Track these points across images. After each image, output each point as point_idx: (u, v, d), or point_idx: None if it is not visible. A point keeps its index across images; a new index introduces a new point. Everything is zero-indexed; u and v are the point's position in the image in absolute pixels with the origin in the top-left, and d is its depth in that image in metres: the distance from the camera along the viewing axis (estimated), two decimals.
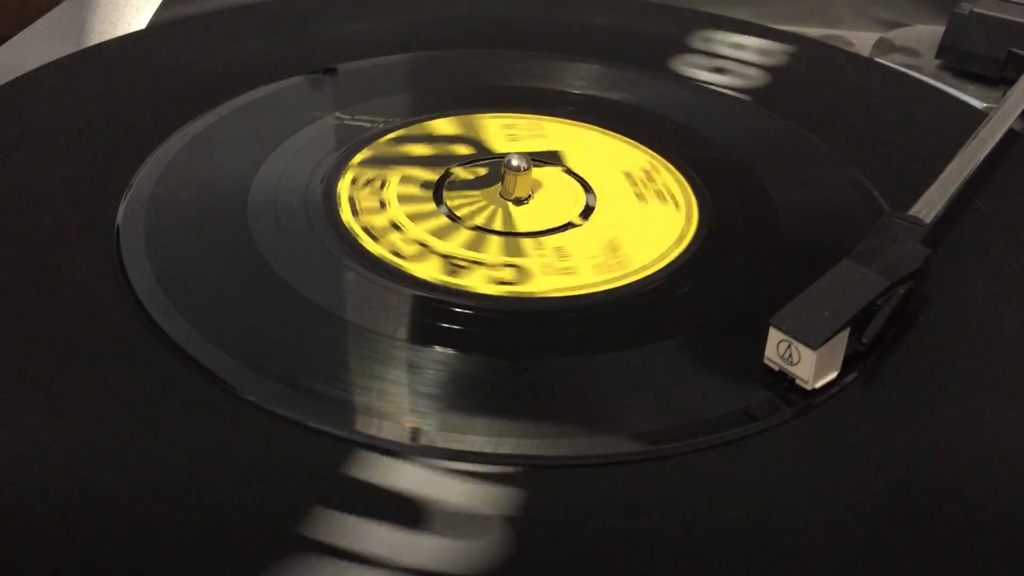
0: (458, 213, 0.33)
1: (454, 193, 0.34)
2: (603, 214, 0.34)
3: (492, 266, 0.31)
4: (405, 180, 0.34)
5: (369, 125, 0.38)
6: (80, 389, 0.25)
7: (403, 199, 0.34)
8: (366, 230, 0.31)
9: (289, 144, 0.36)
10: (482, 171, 0.36)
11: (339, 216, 0.32)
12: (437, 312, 0.29)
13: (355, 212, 0.32)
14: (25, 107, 0.38)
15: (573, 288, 0.30)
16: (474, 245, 0.32)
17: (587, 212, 0.34)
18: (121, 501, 0.22)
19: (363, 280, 0.30)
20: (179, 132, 0.36)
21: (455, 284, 0.30)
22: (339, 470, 0.23)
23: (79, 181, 0.33)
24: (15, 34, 0.47)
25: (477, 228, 0.33)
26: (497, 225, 0.33)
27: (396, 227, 0.32)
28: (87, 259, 0.29)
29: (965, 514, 0.23)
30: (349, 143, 0.37)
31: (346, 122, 0.38)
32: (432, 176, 0.35)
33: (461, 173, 0.36)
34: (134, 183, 0.33)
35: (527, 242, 0.32)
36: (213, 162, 0.35)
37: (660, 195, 0.35)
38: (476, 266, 0.31)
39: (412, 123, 0.38)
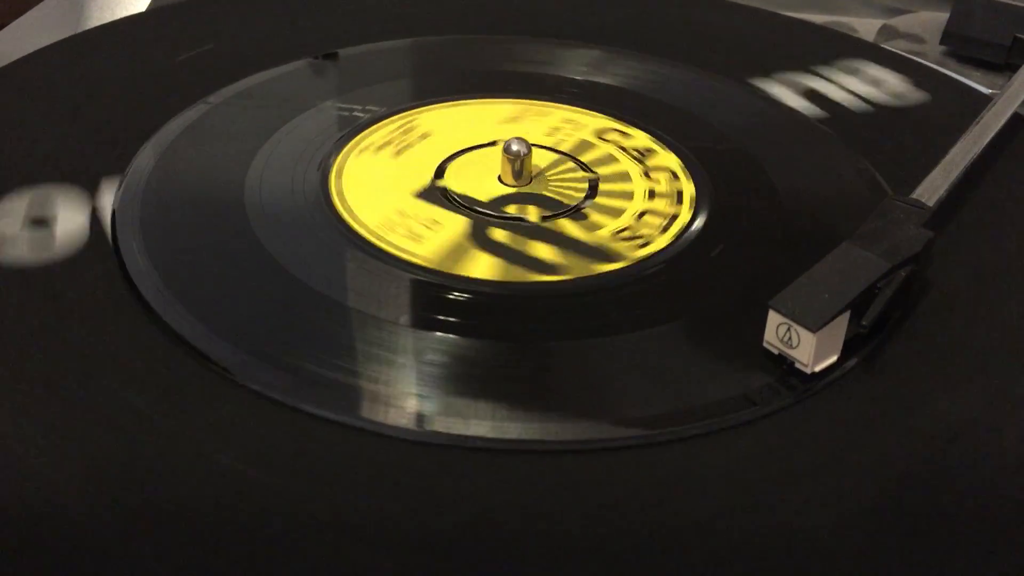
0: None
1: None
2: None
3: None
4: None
5: (364, 114, 0.37)
6: (74, 378, 0.25)
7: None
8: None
9: (287, 130, 0.36)
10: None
11: (336, 201, 0.32)
12: (437, 297, 0.28)
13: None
14: (20, 92, 0.37)
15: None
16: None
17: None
18: (116, 491, 0.22)
19: (362, 265, 0.29)
20: (177, 118, 0.36)
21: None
22: (340, 456, 0.23)
23: (74, 167, 0.33)
24: (14, 20, 0.47)
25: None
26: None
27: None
28: (83, 246, 0.29)
29: (965, 501, 0.23)
30: (346, 129, 0.36)
31: (343, 109, 0.38)
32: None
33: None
34: (130, 169, 0.33)
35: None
36: (210, 148, 0.35)
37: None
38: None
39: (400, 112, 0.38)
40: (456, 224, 0.32)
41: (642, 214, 0.33)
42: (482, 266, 0.30)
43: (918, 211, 0.30)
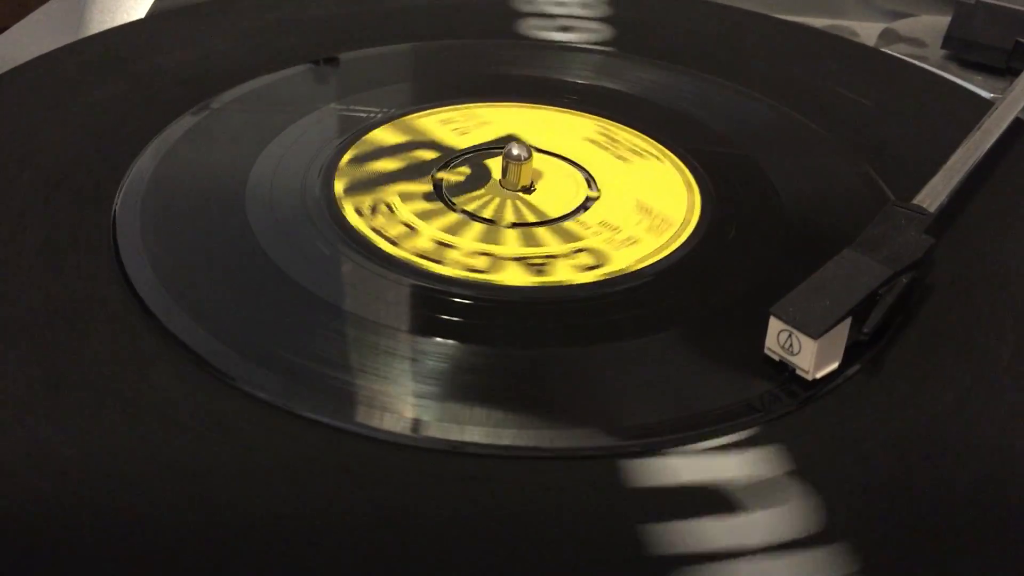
0: (486, 214, 0.33)
1: (463, 197, 0.34)
2: (609, 182, 0.35)
3: (566, 255, 0.31)
4: (406, 197, 0.33)
5: (365, 115, 0.37)
6: (75, 380, 0.25)
7: (422, 215, 0.32)
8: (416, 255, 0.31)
9: (288, 134, 0.36)
10: (466, 170, 0.35)
11: (336, 206, 0.32)
12: (435, 302, 0.28)
13: (394, 244, 0.31)
14: (22, 96, 0.37)
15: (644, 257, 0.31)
16: (530, 240, 0.32)
17: (592, 184, 0.35)
18: (116, 494, 0.22)
19: (361, 270, 0.29)
20: (177, 122, 0.36)
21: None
22: (336, 460, 0.23)
23: (76, 170, 0.33)
24: (14, 24, 0.47)
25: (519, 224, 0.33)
26: (529, 217, 0.33)
27: (448, 245, 0.31)
28: (83, 248, 0.29)
29: (967, 506, 0.23)
30: (348, 133, 0.36)
31: (344, 112, 0.38)
32: (427, 186, 0.34)
33: (449, 177, 0.35)
34: (131, 173, 0.33)
35: (572, 225, 0.33)
36: (211, 152, 0.35)
37: (634, 152, 0.36)
38: (552, 259, 0.31)
39: (398, 116, 0.38)
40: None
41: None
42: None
43: (919, 217, 0.30)
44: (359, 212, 0.31)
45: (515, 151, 0.34)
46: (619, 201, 0.34)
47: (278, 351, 0.26)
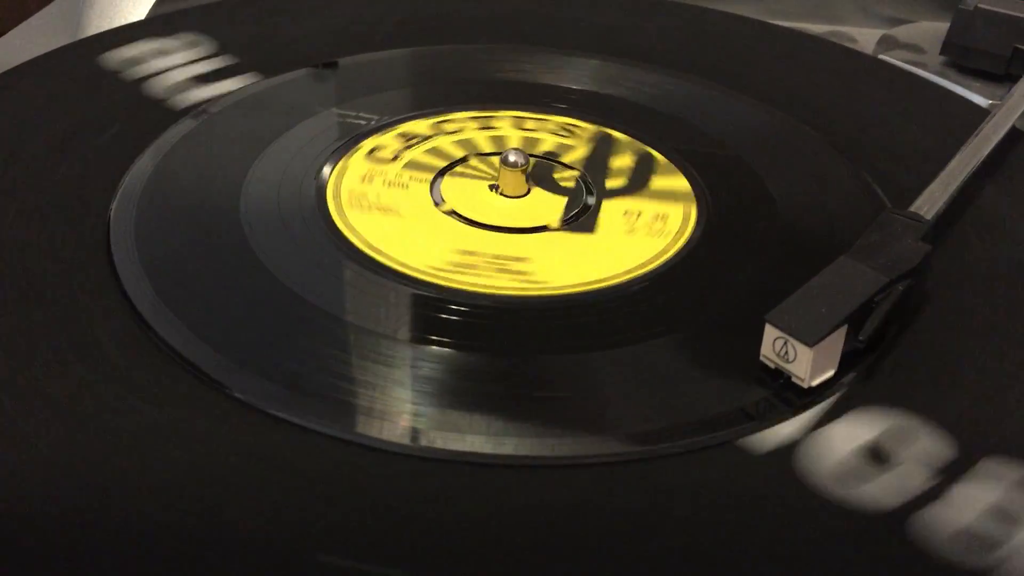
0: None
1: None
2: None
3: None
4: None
5: (363, 122, 0.37)
6: (70, 388, 0.24)
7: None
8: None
9: (284, 139, 0.36)
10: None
11: (332, 213, 0.32)
12: (433, 310, 0.28)
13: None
14: (18, 99, 0.37)
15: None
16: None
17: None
18: (110, 504, 0.22)
19: (357, 277, 0.29)
20: (173, 127, 0.36)
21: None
22: (333, 469, 0.23)
23: (71, 174, 0.33)
24: (13, 27, 0.47)
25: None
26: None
27: None
28: (77, 254, 0.29)
29: (964, 516, 0.23)
30: (344, 139, 0.36)
31: (341, 118, 0.38)
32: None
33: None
34: (127, 177, 0.33)
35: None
36: (207, 157, 0.35)
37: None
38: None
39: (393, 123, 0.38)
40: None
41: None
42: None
43: (916, 224, 0.29)
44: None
45: (512, 157, 0.34)
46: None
47: (273, 359, 0.26)
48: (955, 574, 0.21)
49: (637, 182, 0.35)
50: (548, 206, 0.34)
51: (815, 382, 0.26)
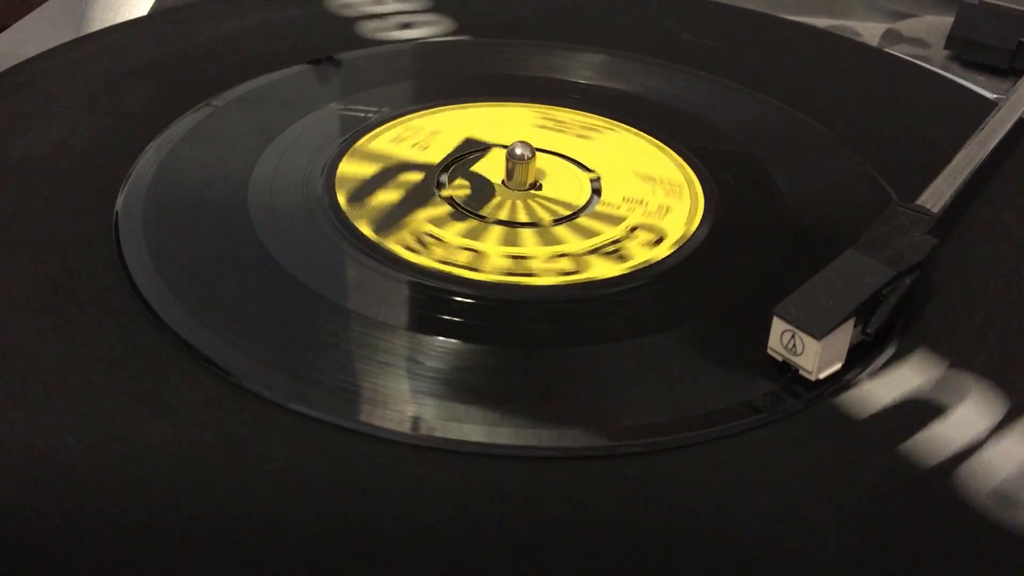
0: (521, 218, 0.33)
1: (487, 208, 0.33)
2: (593, 161, 0.36)
3: (627, 236, 0.32)
4: (439, 223, 0.32)
5: (365, 115, 0.37)
6: (78, 379, 0.24)
7: (468, 234, 0.32)
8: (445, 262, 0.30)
9: (290, 133, 0.36)
10: (463, 182, 0.34)
11: (340, 204, 0.32)
12: (438, 301, 0.28)
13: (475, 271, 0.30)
14: (24, 94, 0.37)
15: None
16: (584, 232, 0.32)
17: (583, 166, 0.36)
18: (117, 493, 0.22)
19: (364, 269, 0.29)
20: (179, 121, 0.36)
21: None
22: (338, 459, 0.23)
23: (77, 169, 0.33)
24: (16, 22, 0.47)
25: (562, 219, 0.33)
26: (561, 211, 0.33)
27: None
28: (86, 247, 0.29)
29: (971, 507, 0.23)
30: (349, 132, 0.36)
31: (346, 112, 0.38)
32: (445, 207, 0.33)
33: (455, 193, 0.34)
34: (133, 171, 0.33)
35: (605, 208, 0.33)
36: (214, 150, 0.35)
37: (588, 128, 0.37)
38: (619, 242, 0.31)
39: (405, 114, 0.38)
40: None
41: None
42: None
43: (923, 217, 0.30)
44: (412, 249, 0.30)
45: (519, 151, 0.34)
46: (620, 177, 0.35)
47: (280, 349, 0.26)
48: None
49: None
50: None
51: (823, 375, 0.26)
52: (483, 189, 0.34)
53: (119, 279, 0.28)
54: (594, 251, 0.31)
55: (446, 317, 0.28)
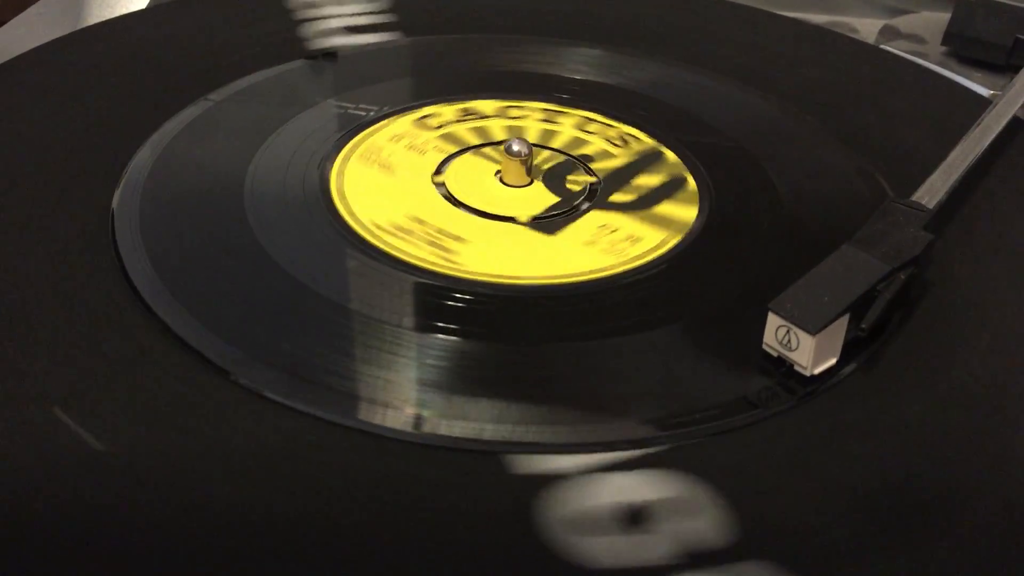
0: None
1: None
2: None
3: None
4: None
5: (364, 113, 0.37)
6: (72, 375, 0.25)
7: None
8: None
9: (286, 129, 0.36)
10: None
11: (336, 200, 0.32)
12: (436, 298, 0.28)
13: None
14: (20, 88, 0.37)
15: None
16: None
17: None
18: (112, 489, 0.22)
19: (360, 264, 0.29)
20: (176, 116, 0.36)
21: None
22: (337, 457, 0.23)
23: (73, 164, 0.33)
24: (14, 16, 0.47)
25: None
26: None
27: None
28: (81, 244, 0.29)
29: (966, 504, 0.23)
30: (346, 129, 0.36)
31: (342, 108, 0.38)
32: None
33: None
34: (129, 167, 0.33)
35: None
36: (210, 146, 0.35)
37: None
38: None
39: (403, 111, 0.38)
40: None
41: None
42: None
43: (918, 213, 0.30)
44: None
45: (516, 147, 0.34)
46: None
47: (276, 345, 0.26)
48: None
49: (643, 203, 0.34)
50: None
51: (817, 370, 0.26)
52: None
53: (115, 275, 0.28)
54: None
55: (443, 313, 0.28)
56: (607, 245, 0.31)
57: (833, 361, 0.26)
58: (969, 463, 0.24)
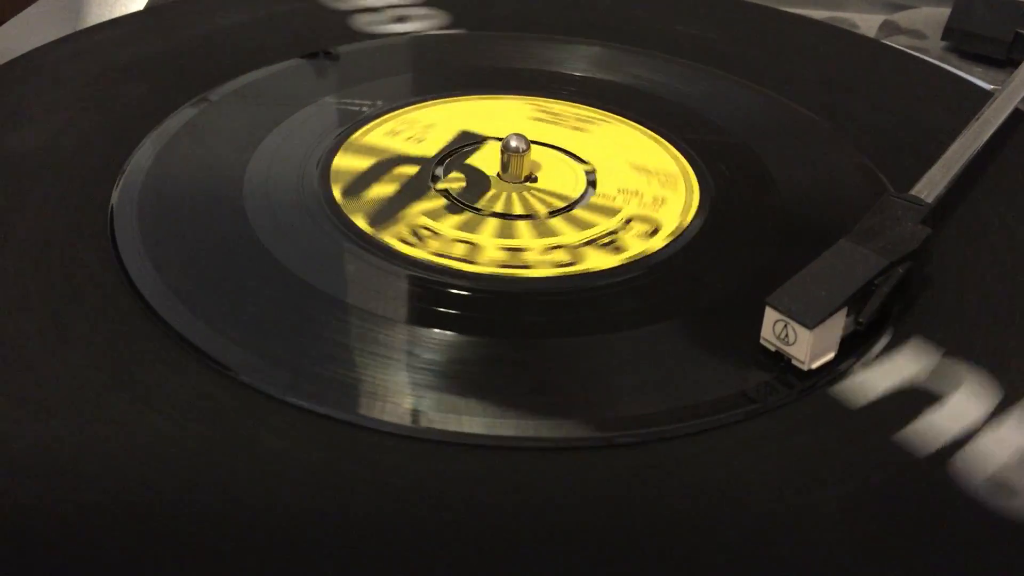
0: (517, 211, 0.33)
1: (482, 201, 0.33)
2: (588, 153, 0.36)
3: (622, 228, 0.32)
4: (434, 215, 0.32)
5: (361, 109, 0.37)
6: (72, 373, 0.25)
7: (463, 227, 0.32)
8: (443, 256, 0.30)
9: (285, 127, 0.36)
10: (459, 175, 0.34)
11: (336, 198, 0.32)
12: (434, 293, 0.28)
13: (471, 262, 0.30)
14: (19, 89, 0.37)
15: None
16: (579, 223, 0.32)
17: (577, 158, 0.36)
18: (113, 488, 0.22)
19: (359, 261, 0.29)
20: (175, 115, 0.36)
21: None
22: (337, 452, 0.23)
23: (73, 164, 0.33)
24: (13, 17, 0.47)
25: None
26: (556, 203, 0.33)
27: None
28: (81, 242, 0.29)
29: (967, 495, 0.23)
30: (344, 126, 0.36)
31: (341, 105, 0.38)
32: (440, 200, 0.33)
33: (450, 186, 0.34)
34: (129, 165, 0.33)
35: (600, 200, 0.34)
36: (209, 144, 0.35)
37: (583, 121, 0.37)
38: (615, 234, 0.32)
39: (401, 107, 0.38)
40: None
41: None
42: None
43: (917, 207, 0.29)
44: (407, 242, 0.30)
45: (514, 143, 0.34)
46: (615, 168, 0.35)
47: (273, 342, 0.26)
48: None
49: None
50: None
51: (815, 365, 0.26)
52: (479, 182, 0.34)
53: (114, 273, 0.28)
54: (589, 243, 0.31)
55: (442, 310, 0.28)
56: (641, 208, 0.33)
57: (831, 356, 0.26)
58: (968, 455, 0.24)
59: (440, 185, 0.34)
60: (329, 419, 0.24)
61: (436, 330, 0.27)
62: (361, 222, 0.31)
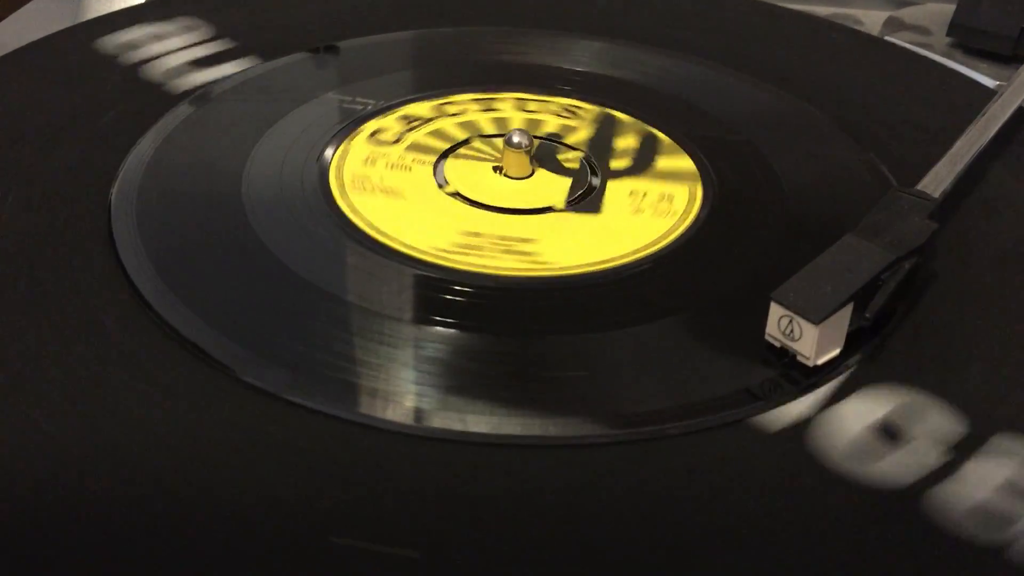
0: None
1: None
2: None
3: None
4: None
5: (360, 106, 0.37)
6: (71, 370, 0.24)
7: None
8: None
9: (286, 122, 0.36)
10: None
11: (335, 195, 0.32)
12: (436, 291, 0.28)
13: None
14: (18, 82, 0.37)
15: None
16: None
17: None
18: (114, 487, 0.21)
19: (361, 259, 0.29)
20: (175, 109, 0.36)
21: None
22: (338, 451, 0.23)
23: (72, 157, 0.33)
24: (14, 11, 0.47)
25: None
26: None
27: None
28: (79, 238, 0.29)
29: (970, 494, 0.23)
30: (345, 122, 0.36)
31: (342, 101, 0.38)
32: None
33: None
34: (128, 160, 0.33)
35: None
36: (209, 140, 0.35)
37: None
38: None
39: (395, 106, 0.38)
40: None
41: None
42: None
43: (923, 202, 0.29)
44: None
45: (515, 138, 0.33)
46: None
47: (274, 340, 0.26)
48: (970, 549, 0.21)
49: (642, 163, 0.35)
50: (553, 187, 0.33)
51: (821, 360, 0.26)
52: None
53: (113, 270, 0.28)
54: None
55: (444, 307, 0.27)
56: (652, 209, 0.32)
57: (837, 351, 0.26)
58: (973, 452, 0.24)
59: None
60: (330, 417, 0.24)
61: (438, 327, 0.27)
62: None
